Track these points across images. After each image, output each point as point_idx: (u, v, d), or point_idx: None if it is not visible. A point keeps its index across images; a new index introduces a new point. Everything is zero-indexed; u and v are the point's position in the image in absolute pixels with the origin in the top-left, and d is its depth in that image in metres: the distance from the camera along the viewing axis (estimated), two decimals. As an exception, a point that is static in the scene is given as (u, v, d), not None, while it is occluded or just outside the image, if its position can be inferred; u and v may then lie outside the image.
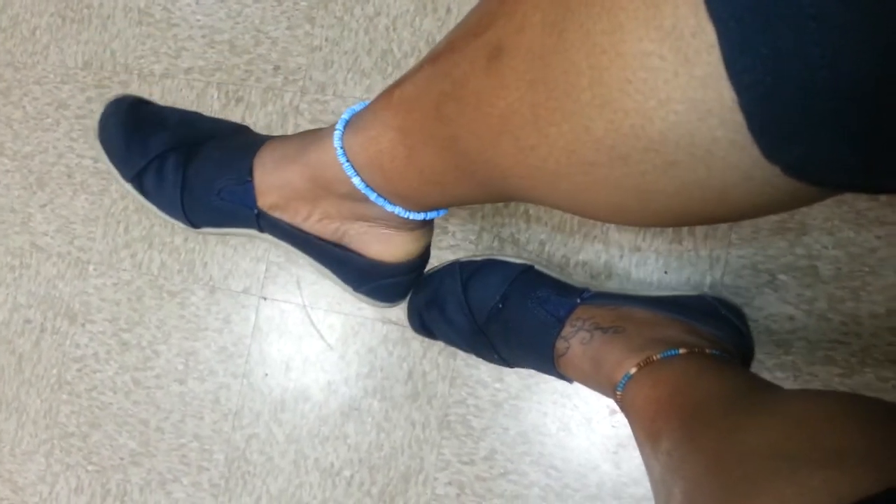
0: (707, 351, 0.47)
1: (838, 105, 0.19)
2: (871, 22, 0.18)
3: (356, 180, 0.44)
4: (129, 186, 0.59)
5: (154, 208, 0.59)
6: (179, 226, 0.59)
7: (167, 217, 0.59)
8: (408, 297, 0.61)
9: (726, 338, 0.52)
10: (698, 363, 0.45)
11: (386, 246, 0.52)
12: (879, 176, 0.21)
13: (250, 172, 0.51)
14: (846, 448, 0.26)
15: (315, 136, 0.48)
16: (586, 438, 0.62)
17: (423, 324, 0.61)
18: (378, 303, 0.58)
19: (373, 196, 0.44)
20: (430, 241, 0.55)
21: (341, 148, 0.43)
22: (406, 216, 0.46)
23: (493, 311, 0.56)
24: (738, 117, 0.21)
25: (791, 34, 0.19)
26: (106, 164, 0.60)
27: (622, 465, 0.60)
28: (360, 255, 0.52)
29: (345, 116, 0.45)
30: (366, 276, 0.54)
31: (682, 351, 0.46)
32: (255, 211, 0.52)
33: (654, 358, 0.46)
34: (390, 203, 0.45)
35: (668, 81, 0.22)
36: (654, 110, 0.23)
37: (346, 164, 0.43)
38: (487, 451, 0.63)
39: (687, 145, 0.23)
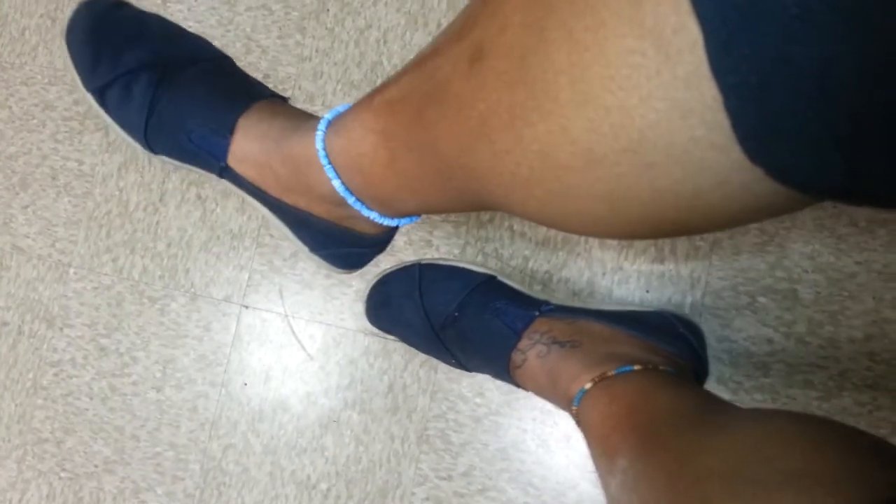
0: (661, 368, 0.47)
1: (824, 107, 0.19)
2: (857, 23, 0.17)
3: (336, 183, 0.43)
4: (88, 96, 0.55)
5: (113, 124, 0.56)
6: (139, 147, 0.55)
7: (125, 135, 0.55)
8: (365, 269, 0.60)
9: (681, 356, 0.52)
10: (653, 380, 0.45)
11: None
12: (863, 179, 0.21)
13: (232, 131, 0.50)
14: (802, 470, 0.26)
15: (299, 124, 0.47)
16: (565, 456, 0.61)
17: (380, 321, 0.61)
18: (334, 269, 0.57)
19: (351, 200, 0.44)
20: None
21: (324, 150, 0.43)
22: (381, 222, 0.46)
23: (450, 319, 0.56)
24: (720, 117, 0.21)
25: (776, 35, 0.18)
26: (68, 68, 0.55)
27: (600, 484, 0.60)
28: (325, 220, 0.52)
29: (328, 117, 0.44)
30: (328, 241, 0.53)
31: (636, 367, 0.46)
32: (222, 164, 0.51)
33: (609, 374, 0.46)
34: (367, 208, 0.45)
35: (650, 79, 0.21)
36: (635, 108, 0.22)
37: (328, 166, 0.43)
38: (466, 466, 0.63)
39: (665, 145, 0.23)
